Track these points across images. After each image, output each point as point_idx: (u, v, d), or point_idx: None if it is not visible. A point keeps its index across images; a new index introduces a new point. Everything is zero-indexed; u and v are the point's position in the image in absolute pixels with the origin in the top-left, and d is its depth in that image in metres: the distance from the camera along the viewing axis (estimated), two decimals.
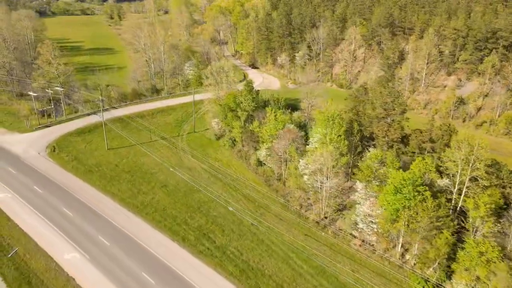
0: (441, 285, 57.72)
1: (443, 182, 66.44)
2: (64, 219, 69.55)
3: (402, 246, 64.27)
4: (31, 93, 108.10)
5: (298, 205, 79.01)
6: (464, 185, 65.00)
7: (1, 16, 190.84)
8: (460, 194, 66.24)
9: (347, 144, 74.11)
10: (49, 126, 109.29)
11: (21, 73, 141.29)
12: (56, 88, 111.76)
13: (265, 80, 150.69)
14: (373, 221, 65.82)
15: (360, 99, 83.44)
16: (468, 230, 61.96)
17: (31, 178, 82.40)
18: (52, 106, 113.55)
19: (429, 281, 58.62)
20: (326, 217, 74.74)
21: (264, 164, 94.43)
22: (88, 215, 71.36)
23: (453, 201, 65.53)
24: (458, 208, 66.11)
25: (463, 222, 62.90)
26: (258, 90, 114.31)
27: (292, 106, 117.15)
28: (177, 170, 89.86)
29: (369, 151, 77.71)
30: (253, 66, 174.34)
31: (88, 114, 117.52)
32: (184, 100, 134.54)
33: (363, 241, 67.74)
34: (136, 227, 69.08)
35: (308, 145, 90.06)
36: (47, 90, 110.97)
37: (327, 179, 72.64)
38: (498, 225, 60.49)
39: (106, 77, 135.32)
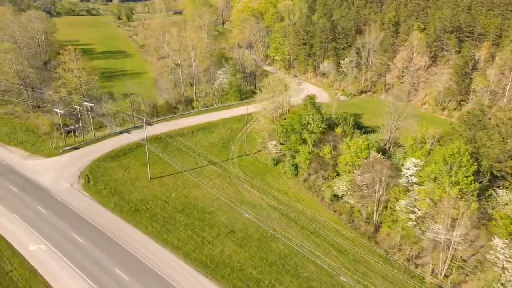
0: None
1: None
2: (120, 286, 53.54)
3: None
4: (57, 110, 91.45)
5: (405, 259, 63.25)
6: None
7: (11, 17, 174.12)
8: None
9: (477, 187, 58.34)
10: (78, 148, 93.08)
11: (35, 80, 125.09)
12: (86, 103, 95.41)
13: (309, 91, 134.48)
14: None
15: (478, 126, 67.73)
16: None
17: (67, 222, 66.42)
18: (80, 124, 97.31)
19: None
20: (447, 278, 58.98)
21: (341, 198, 78.74)
22: (148, 279, 55.25)
23: None
24: None
25: None
26: (319, 106, 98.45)
27: (355, 123, 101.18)
28: (239, 207, 74.08)
29: (497, 194, 62.06)
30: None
31: (121, 132, 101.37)
32: (225, 115, 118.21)
33: None
34: None
35: (400, 178, 74.71)
36: (74, 106, 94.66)
37: (451, 231, 57.03)
38: None
39: (137, 89, 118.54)
